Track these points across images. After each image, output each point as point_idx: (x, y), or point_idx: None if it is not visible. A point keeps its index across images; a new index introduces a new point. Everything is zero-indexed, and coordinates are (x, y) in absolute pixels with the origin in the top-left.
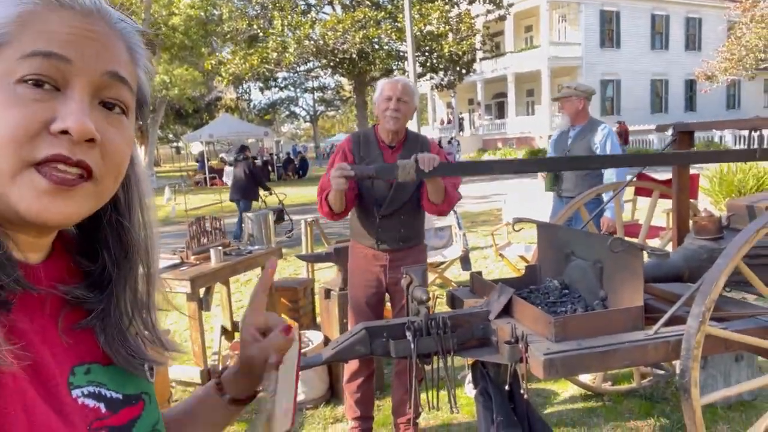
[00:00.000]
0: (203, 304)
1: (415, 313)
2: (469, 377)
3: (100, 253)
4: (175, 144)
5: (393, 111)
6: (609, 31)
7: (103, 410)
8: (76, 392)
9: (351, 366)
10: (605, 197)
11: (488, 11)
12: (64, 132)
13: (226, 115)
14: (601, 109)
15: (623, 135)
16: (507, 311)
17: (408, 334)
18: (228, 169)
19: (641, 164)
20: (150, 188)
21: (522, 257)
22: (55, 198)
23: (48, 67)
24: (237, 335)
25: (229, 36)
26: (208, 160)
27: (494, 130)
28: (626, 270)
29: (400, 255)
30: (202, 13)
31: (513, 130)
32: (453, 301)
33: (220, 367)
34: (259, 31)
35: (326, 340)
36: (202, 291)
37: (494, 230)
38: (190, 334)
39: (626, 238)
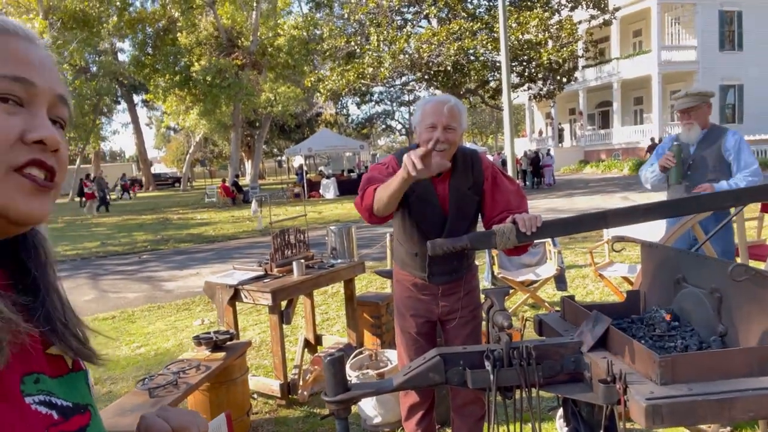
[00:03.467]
0: (284, 317)
1: (495, 340)
2: (560, 413)
3: (24, 261)
4: (278, 158)
5: (438, 143)
6: (729, 33)
7: (56, 417)
8: (28, 399)
9: (408, 399)
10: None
11: (592, 17)
12: (38, 142)
13: (325, 129)
14: (721, 117)
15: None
16: (603, 344)
17: (487, 363)
18: (325, 181)
19: None
20: None
21: (626, 279)
22: (38, 198)
23: (14, 88)
24: (320, 349)
25: (328, 54)
26: (306, 173)
27: (597, 141)
28: (751, 301)
29: (453, 284)
30: (305, 33)
31: (619, 140)
32: (541, 327)
33: (300, 382)
34: (356, 47)
35: None
36: (284, 303)
37: (593, 248)
38: (271, 347)
39: (751, 263)
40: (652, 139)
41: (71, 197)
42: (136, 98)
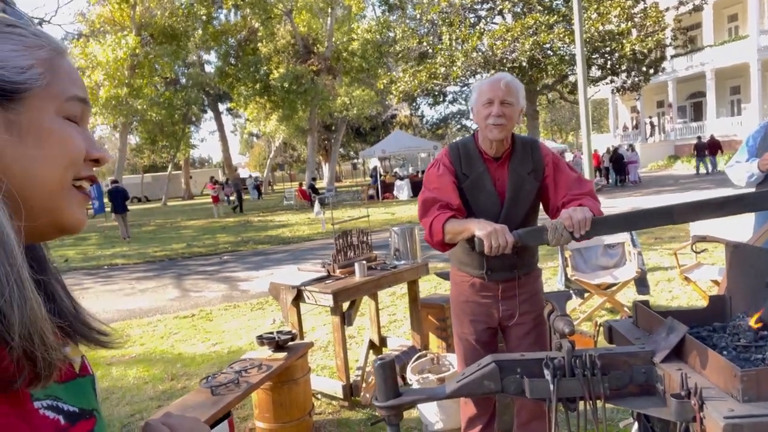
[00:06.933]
0: (346, 318)
1: (557, 347)
2: (636, 428)
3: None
4: (354, 161)
5: (496, 117)
6: None
7: (62, 422)
8: (36, 404)
9: (467, 410)
10: None
11: (681, 3)
12: (95, 160)
13: (399, 131)
14: None
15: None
16: (679, 354)
17: (546, 372)
18: (399, 183)
19: None
20: None
21: (716, 282)
22: (83, 209)
23: (78, 109)
24: (385, 350)
25: (401, 55)
26: (380, 175)
27: (689, 134)
28: None
29: (514, 284)
30: (378, 36)
31: (713, 132)
32: (611, 334)
33: (363, 385)
34: (428, 47)
35: None
36: (346, 305)
37: (678, 249)
38: (334, 348)
39: None
40: (699, 138)
41: (164, 202)
42: (221, 107)
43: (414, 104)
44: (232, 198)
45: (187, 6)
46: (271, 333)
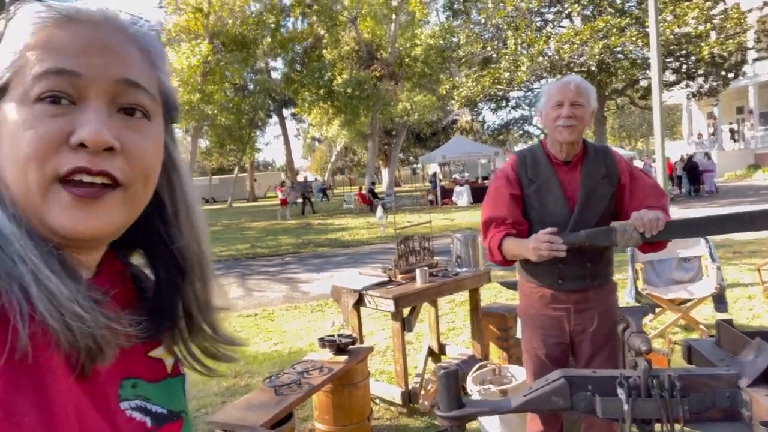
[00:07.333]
0: (406, 324)
1: (632, 366)
2: None
3: (154, 267)
4: (414, 166)
5: (566, 119)
6: None
7: (149, 424)
8: (124, 405)
9: (533, 426)
10: None
11: (765, 3)
12: (82, 145)
13: (459, 137)
14: None
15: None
16: (767, 379)
17: (620, 391)
18: (458, 188)
19: None
20: (195, 191)
21: None
22: (83, 211)
23: (61, 83)
24: (444, 358)
25: (464, 60)
26: (440, 181)
27: None
28: None
29: (587, 296)
30: (441, 42)
31: None
32: (690, 354)
33: (422, 392)
34: (492, 52)
35: None
36: (407, 311)
37: (761, 265)
38: (393, 354)
39: None
40: None
41: (230, 203)
42: (286, 112)
43: (475, 109)
44: (298, 201)
45: (257, 15)
46: (332, 336)
